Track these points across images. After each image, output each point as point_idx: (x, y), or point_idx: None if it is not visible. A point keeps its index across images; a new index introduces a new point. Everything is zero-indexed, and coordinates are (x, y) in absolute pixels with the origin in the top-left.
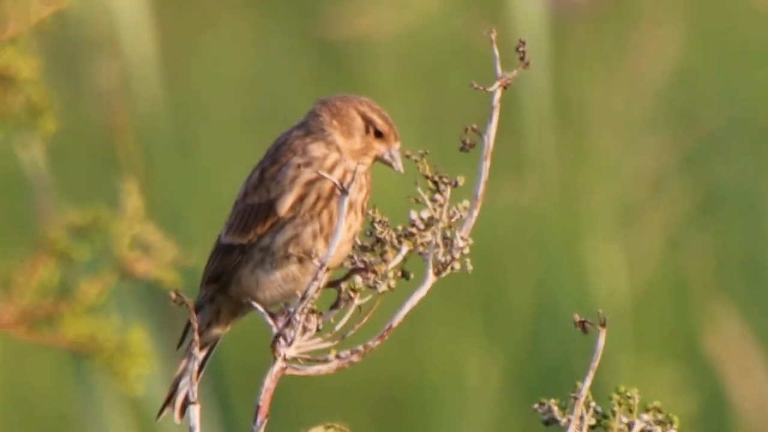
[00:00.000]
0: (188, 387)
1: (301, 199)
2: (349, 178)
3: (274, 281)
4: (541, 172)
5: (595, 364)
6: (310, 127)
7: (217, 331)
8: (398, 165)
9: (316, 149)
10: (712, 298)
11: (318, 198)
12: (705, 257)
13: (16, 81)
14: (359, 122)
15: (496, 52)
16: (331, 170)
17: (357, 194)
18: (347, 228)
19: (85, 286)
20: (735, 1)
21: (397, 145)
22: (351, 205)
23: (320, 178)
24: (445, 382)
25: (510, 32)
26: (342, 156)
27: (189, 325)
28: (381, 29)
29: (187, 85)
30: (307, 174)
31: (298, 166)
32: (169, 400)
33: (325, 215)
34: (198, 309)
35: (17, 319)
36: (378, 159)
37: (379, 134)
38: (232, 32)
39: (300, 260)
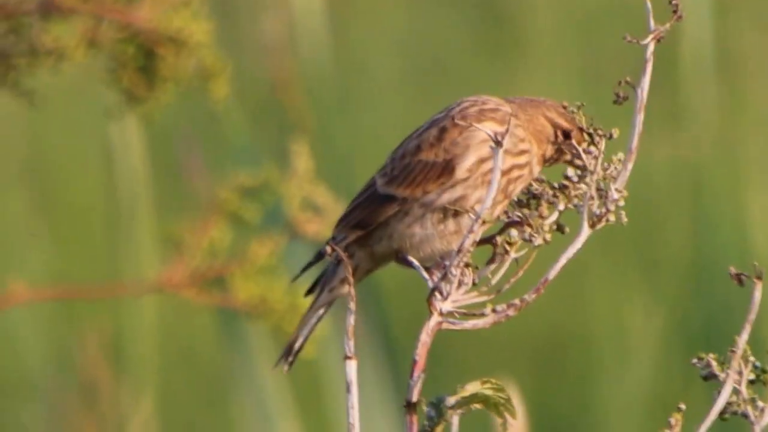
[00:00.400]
0: (346, 338)
1: (481, 161)
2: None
3: (430, 238)
4: (699, 124)
5: (752, 317)
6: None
7: (345, 289)
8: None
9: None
10: None
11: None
12: None
13: (187, 44)
14: (548, 127)
15: (649, 5)
16: (518, 155)
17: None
18: (498, 202)
19: (255, 246)
20: None
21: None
22: (507, 182)
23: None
24: (605, 334)
25: None
26: (531, 154)
27: (321, 276)
28: None
29: (349, 43)
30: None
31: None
32: (287, 353)
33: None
34: (336, 262)
35: (188, 280)
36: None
37: (567, 136)
38: None
39: (456, 217)
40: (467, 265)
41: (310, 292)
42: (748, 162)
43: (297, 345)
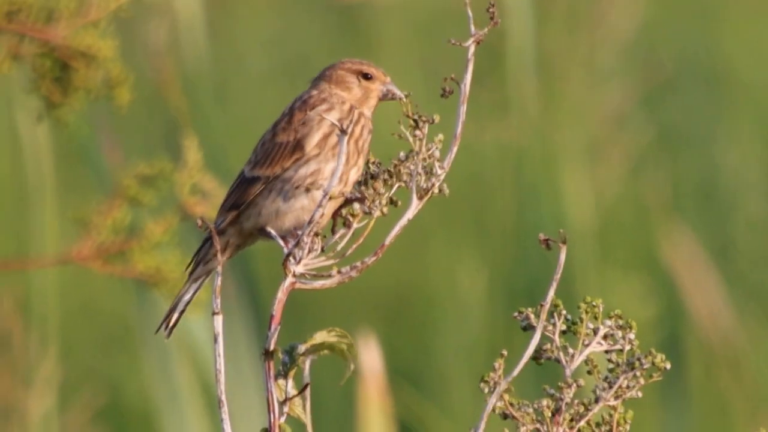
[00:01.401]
0: (214, 297)
1: (326, 138)
2: (360, 116)
3: (292, 210)
4: (522, 113)
5: (557, 276)
6: (320, 89)
7: (216, 262)
8: (398, 93)
9: (332, 98)
10: (668, 219)
11: (338, 139)
12: (662, 184)
13: (97, 58)
14: (350, 77)
15: (470, 13)
16: (350, 111)
17: (364, 135)
18: (357, 169)
19: (151, 225)
20: None
21: (388, 79)
22: (356, 143)
23: (342, 119)
24: (442, 290)
25: None
26: (348, 101)
27: (198, 251)
28: None
29: (226, 44)
30: (332, 116)
31: (325, 110)
32: (169, 314)
33: (344, 156)
34: (207, 239)
35: (94, 254)
36: (381, 98)
37: (369, 77)
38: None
39: (310, 192)
40: (317, 234)
41: (188, 267)
42: (562, 145)
43: (175, 315)
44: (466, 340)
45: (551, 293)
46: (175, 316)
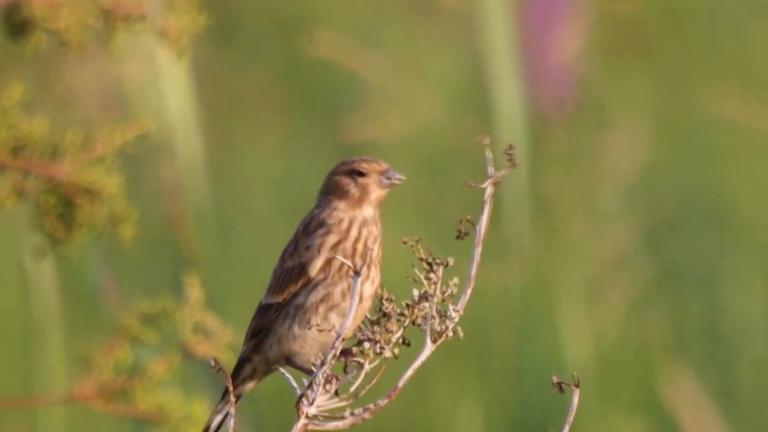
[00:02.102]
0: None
1: (329, 261)
2: (360, 230)
3: (308, 335)
4: (520, 254)
5: (571, 418)
6: (322, 206)
7: (246, 387)
8: (397, 176)
9: (330, 218)
10: (670, 359)
11: (343, 261)
12: (664, 325)
13: (101, 195)
14: (343, 179)
15: (489, 155)
16: (348, 230)
17: (376, 251)
18: (371, 283)
19: (154, 364)
20: (696, 104)
21: (385, 166)
22: (362, 258)
23: (343, 240)
24: (443, 429)
25: (494, 134)
26: (349, 214)
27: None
28: (388, 133)
29: (231, 183)
30: (331, 240)
31: (323, 234)
32: None
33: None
34: (239, 366)
35: (96, 393)
36: (382, 188)
37: (362, 173)
38: (268, 139)
39: (328, 317)
40: (330, 376)
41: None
42: (561, 286)
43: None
44: None
45: None
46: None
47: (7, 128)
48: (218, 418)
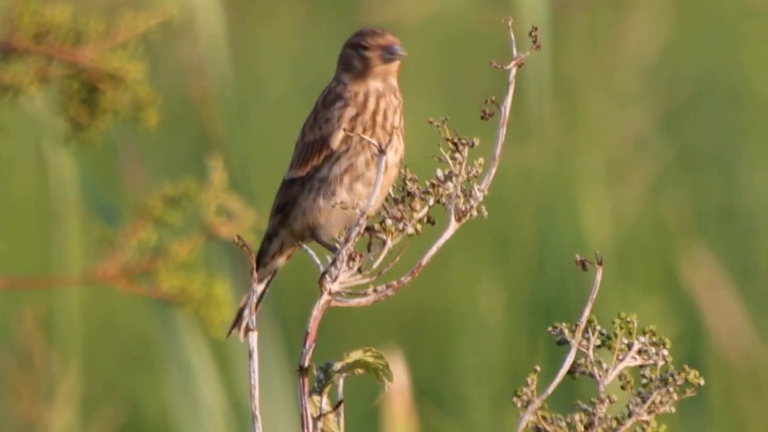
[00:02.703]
0: (249, 314)
1: (350, 133)
2: (378, 101)
3: (332, 209)
4: (541, 136)
5: (593, 296)
6: (337, 78)
7: (278, 262)
8: (397, 51)
9: (345, 92)
10: (689, 239)
11: (363, 131)
12: (683, 204)
13: (124, 80)
14: (349, 52)
15: (512, 36)
16: (365, 102)
17: (398, 121)
18: (395, 152)
19: (177, 246)
20: None
21: (387, 39)
22: (383, 128)
23: (361, 112)
24: (462, 310)
25: (514, 17)
26: (359, 87)
27: (258, 255)
28: (408, 16)
29: (249, 66)
30: (349, 112)
31: (341, 107)
32: (236, 323)
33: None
34: (264, 243)
35: (119, 274)
36: (385, 62)
37: (365, 47)
38: (286, 21)
39: (353, 188)
40: (353, 252)
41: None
42: (582, 167)
43: (246, 314)
44: (485, 359)
45: (587, 311)
46: (245, 316)
47: (30, 14)
48: (253, 298)
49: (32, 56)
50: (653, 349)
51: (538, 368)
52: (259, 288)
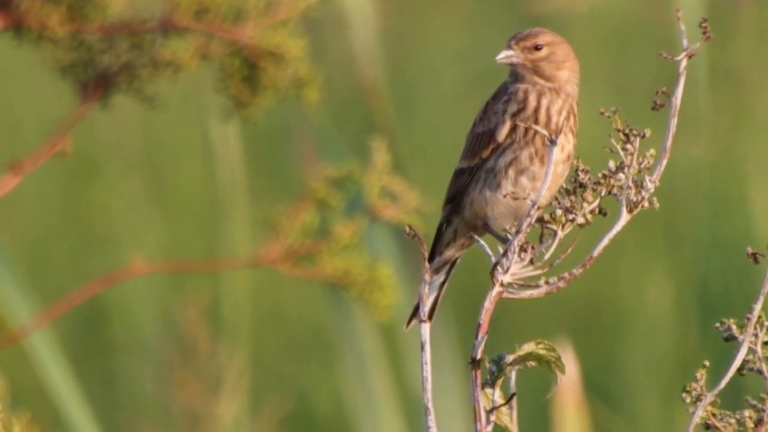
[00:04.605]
0: (421, 305)
1: (514, 128)
2: (539, 99)
3: (500, 198)
4: (710, 128)
5: (765, 289)
6: (507, 83)
7: (453, 251)
8: (499, 57)
9: (510, 87)
10: None
11: (528, 127)
12: None
13: (285, 58)
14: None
15: (683, 27)
16: (525, 99)
17: (564, 120)
18: (561, 149)
19: (340, 228)
20: None
21: (511, 45)
22: (546, 126)
23: (522, 109)
24: (630, 302)
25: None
26: (520, 85)
27: (433, 244)
28: (576, 6)
29: (416, 56)
30: (511, 107)
31: (505, 101)
32: (415, 313)
33: (538, 139)
34: (439, 231)
35: (283, 257)
36: (515, 68)
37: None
38: (450, 11)
39: (518, 181)
40: (525, 243)
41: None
42: (752, 158)
43: (425, 306)
44: (654, 353)
45: (758, 306)
46: (428, 305)
47: None
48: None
49: (192, 33)
50: None
51: (707, 363)
52: (436, 278)
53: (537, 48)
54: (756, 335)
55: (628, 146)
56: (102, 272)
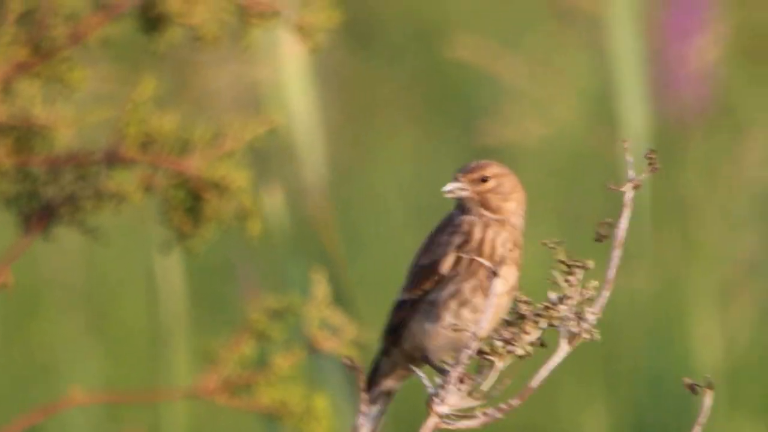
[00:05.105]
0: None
1: (458, 260)
2: (485, 231)
3: (440, 330)
4: (651, 259)
5: (703, 419)
6: (450, 215)
7: (391, 382)
8: (446, 189)
9: (456, 219)
10: None
11: (472, 259)
12: None
13: (230, 189)
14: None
15: (629, 158)
16: (470, 232)
17: (506, 251)
18: (504, 281)
19: (279, 359)
20: None
21: (457, 177)
22: (490, 258)
23: (467, 241)
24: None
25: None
26: (465, 217)
27: (370, 380)
28: (525, 137)
29: (363, 187)
30: (456, 239)
31: (450, 233)
32: None
33: (481, 272)
34: (378, 362)
35: (221, 387)
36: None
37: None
38: (399, 143)
39: (459, 313)
40: (463, 375)
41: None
42: (692, 291)
43: None
44: None
45: None
46: None
47: (138, 123)
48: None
49: (138, 165)
50: None
51: None
52: (373, 409)
53: (484, 180)
54: None
55: (571, 278)
56: (41, 403)
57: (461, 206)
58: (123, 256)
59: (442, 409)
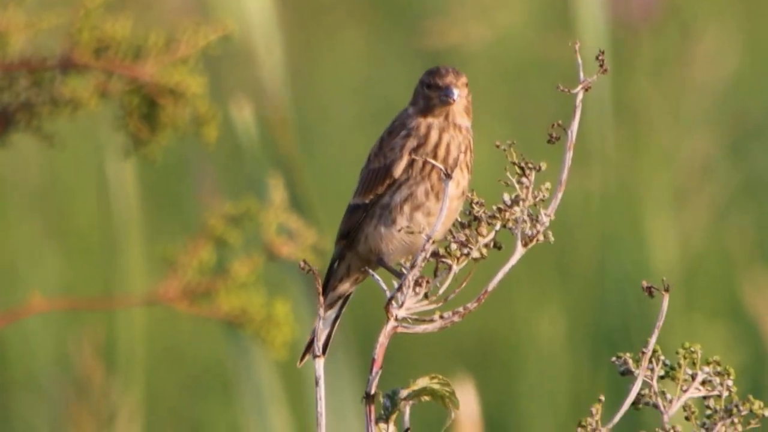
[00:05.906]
0: (316, 340)
1: (412, 163)
2: (441, 135)
3: (395, 234)
4: (603, 161)
5: (660, 323)
6: (407, 109)
7: (347, 286)
8: (446, 98)
9: (410, 122)
10: (753, 265)
11: (423, 164)
12: (747, 231)
13: (185, 95)
14: (418, 87)
15: (580, 60)
16: (427, 135)
17: (461, 154)
18: (456, 185)
19: (237, 266)
20: None
21: (447, 81)
22: (444, 161)
23: (422, 144)
24: (527, 337)
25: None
26: (423, 120)
27: (325, 285)
28: (472, 40)
29: (311, 90)
30: (410, 143)
31: (404, 137)
32: (308, 349)
33: (434, 175)
34: (332, 267)
35: (180, 294)
36: (442, 106)
37: (430, 86)
38: (347, 45)
39: (413, 217)
40: (419, 278)
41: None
42: (647, 193)
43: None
44: (549, 388)
45: (654, 339)
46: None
47: (90, 29)
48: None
49: (92, 71)
50: (717, 380)
51: (602, 398)
52: (329, 313)
53: (466, 85)
54: (651, 369)
55: (524, 179)
56: (1, 309)
57: (425, 108)
58: (79, 162)
59: (400, 312)
